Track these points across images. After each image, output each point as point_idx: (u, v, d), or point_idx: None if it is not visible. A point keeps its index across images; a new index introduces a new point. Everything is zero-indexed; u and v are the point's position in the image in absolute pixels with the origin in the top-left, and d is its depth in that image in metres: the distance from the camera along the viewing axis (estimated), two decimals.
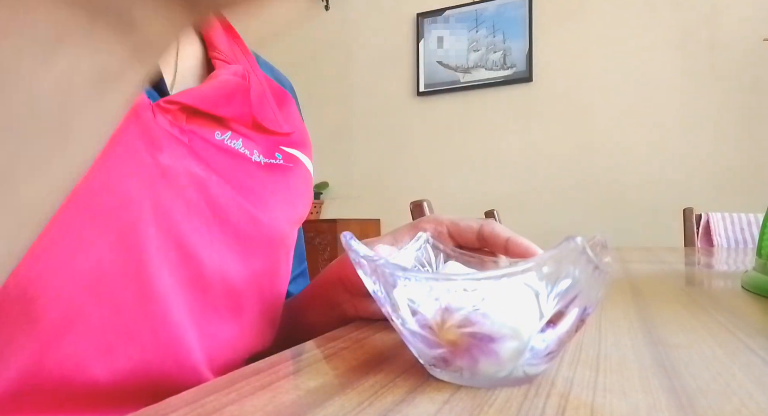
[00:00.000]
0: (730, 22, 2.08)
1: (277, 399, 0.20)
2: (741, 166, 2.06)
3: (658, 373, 0.23)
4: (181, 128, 0.34)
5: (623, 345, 0.28)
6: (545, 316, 0.20)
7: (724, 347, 0.28)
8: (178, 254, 0.32)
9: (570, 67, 2.32)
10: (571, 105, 2.32)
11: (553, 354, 0.21)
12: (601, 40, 2.27)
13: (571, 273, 0.20)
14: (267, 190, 0.39)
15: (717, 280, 0.61)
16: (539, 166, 2.38)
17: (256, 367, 0.25)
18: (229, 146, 0.37)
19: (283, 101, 0.47)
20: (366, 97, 2.74)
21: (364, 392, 0.21)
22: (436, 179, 2.58)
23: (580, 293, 0.20)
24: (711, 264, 0.81)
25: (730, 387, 0.21)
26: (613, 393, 0.21)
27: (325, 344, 0.30)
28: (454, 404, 0.20)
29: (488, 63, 2.46)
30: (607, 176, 2.25)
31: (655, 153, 2.18)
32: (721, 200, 2.04)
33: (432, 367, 0.23)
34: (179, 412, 0.19)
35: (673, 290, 0.49)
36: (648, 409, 0.19)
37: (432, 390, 0.21)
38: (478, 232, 0.35)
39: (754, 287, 0.47)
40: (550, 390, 0.21)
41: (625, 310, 0.38)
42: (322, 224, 2.44)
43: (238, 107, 0.38)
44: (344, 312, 0.38)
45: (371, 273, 0.24)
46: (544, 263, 0.19)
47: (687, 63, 2.14)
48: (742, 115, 2.06)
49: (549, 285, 0.20)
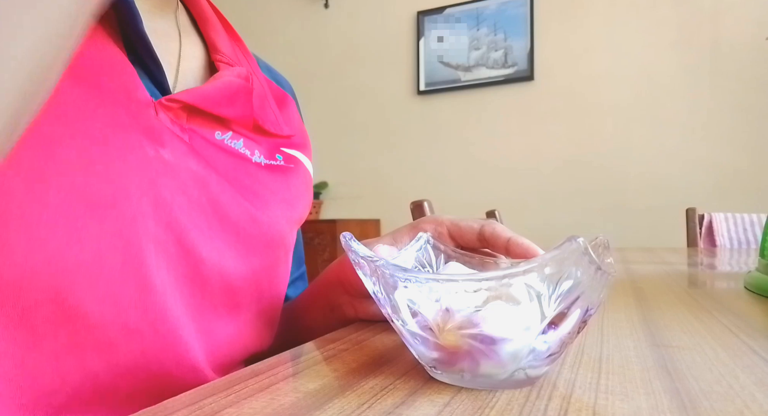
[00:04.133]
0: (732, 21, 2.08)
1: (276, 402, 0.20)
2: (744, 166, 2.05)
3: (661, 375, 0.23)
4: (181, 126, 0.34)
5: (625, 347, 0.28)
6: (547, 317, 0.20)
7: (727, 348, 0.27)
8: (177, 249, 0.32)
9: (571, 65, 2.32)
10: (572, 104, 2.32)
11: (554, 355, 0.21)
12: (603, 39, 2.26)
13: (573, 274, 0.19)
14: (267, 190, 0.39)
15: (720, 281, 0.60)
16: (541, 165, 2.37)
17: (255, 369, 0.25)
18: (230, 146, 0.37)
19: (284, 103, 0.47)
20: (366, 96, 2.74)
21: (364, 394, 0.21)
22: (436, 179, 2.58)
23: (582, 294, 0.20)
24: (714, 265, 0.81)
25: (733, 389, 0.21)
26: (615, 395, 0.20)
27: (324, 345, 0.30)
28: (455, 406, 0.20)
29: (489, 62, 2.46)
30: (608, 176, 2.25)
31: (658, 152, 2.18)
32: (725, 201, 2.03)
33: (433, 369, 0.23)
34: (177, 414, 0.19)
35: (675, 291, 0.49)
36: (650, 411, 0.19)
37: (432, 392, 0.21)
38: (479, 232, 0.34)
39: (757, 288, 0.46)
40: (551, 392, 0.21)
41: (628, 311, 0.38)
42: (321, 225, 2.44)
43: (240, 108, 0.38)
44: (344, 313, 0.38)
45: (371, 274, 0.23)
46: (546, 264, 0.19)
47: (689, 62, 2.14)
48: (746, 114, 2.06)
49: (551, 286, 0.20)
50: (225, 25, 0.44)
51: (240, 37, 0.45)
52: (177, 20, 0.40)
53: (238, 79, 0.38)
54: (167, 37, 0.38)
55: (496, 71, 2.44)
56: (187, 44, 0.40)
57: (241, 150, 0.38)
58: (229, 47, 0.42)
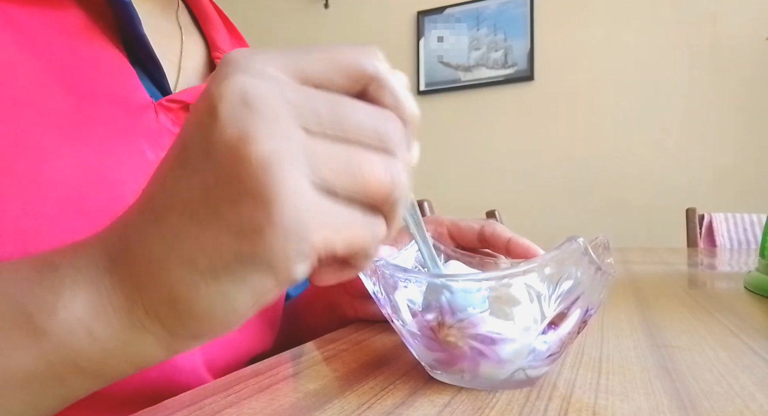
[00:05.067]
0: (732, 21, 2.08)
1: (276, 402, 0.20)
2: (744, 166, 2.05)
3: (661, 375, 0.23)
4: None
5: (625, 347, 0.28)
6: (547, 317, 0.20)
7: (727, 349, 0.27)
8: None
9: (572, 66, 2.32)
10: (573, 104, 2.32)
11: (554, 355, 0.21)
12: (603, 39, 2.26)
13: (573, 274, 0.19)
14: None
15: (720, 281, 0.60)
16: (541, 165, 2.37)
17: (255, 369, 0.25)
18: None
19: None
20: None
21: (364, 394, 0.21)
22: (436, 179, 2.58)
23: (582, 294, 0.20)
24: (714, 265, 0.81)
25: (733, 389, 0.21)
26: (615, 395, 0.20)
27: (324, 346, 0.30)
28: (455, 406, 0.20)
29: (489, 62, 2.46)
30: (609, 176, 2.25)
31: (658, 152, 2.18)
32: (725, 201, 2.03)
33: (433, 369, 0.23)
34: (177, 414, 0.19)
35: (675, 291, 0.49)
36: (650, 411, 0.19)
37: (432, 392, 0.21)
38: (479, 232, 0.34)
39: (757, 288, 0.46)
40: (551, 392, 0.21)
41: (628, 312, 0.38)
42: None
43: None
44: (344, 313, 0.38)
45: (371, 274, 0.23)
46: (546, 264, 0.19)
47: (689, 61, 2.13)
48: (746, 114, 2.06)
49: (551, 286, 0.20)
50: (226, 23, 0.44)
51: (241, 36, 0.45)
52: (178, 19, 0.40)
53: None
54: (169, 36, 0.38)
55: (496, 71, 2.44)
56: (188, 43, 0.40)
57: None
58: (230, 45, 0.42)
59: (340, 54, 0.17)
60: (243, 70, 0.15)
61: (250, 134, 0.14)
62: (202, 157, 0.15)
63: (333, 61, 0.17)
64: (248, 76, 0.15)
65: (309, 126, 0.15)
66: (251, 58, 0.16)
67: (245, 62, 0.15)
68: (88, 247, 0.19)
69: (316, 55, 0.16)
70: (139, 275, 0.17)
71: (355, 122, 0.16)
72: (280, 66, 0.16)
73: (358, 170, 0.15)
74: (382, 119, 0.17)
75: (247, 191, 0.14)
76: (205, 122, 0.15)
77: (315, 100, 0.16)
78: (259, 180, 0.14)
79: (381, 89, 0.17)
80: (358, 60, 0.17)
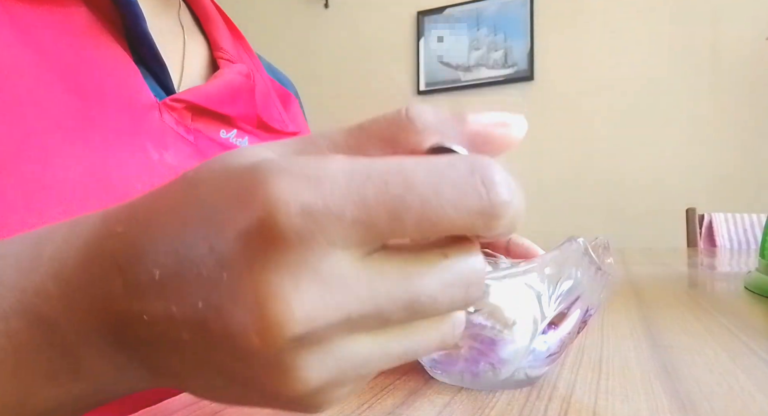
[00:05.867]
0: (732, 22, 2.08)
1: None
2: (744, 166, 2.05)
3: (661, 376, 0.23)
4: (186, 126, 0.34)
5: (625, 348, 0.28)
6: (547, 318, 0.20)
7: (727, 349, 0.27)
8: None
9: (571, 66, 2.32)
10: (572, 104, 2.32)
11: (554, 356, 0.21)
12: (603, 40, 2.26)
13: (573, 274, 0.19)
14: None
15: (720, 281, 0.60)
16: (540, 165, 2.38)
17: None
18: (235, 144, 0.37)
19: (287, 102, 0.47)
20: (366, 95, 2.74)
21: (363, 394, 0.21)
22: None
23: (582, 294, 0.20)
24: (714, 265, 0.81)
25: (733, 389, 0.21)
26: (615, 396, 0.20)
27: None
28: (455, 407, 0.20)
29: (489, 62, 2.46)
30: (608, 176, 2.25)
31: (658, 153, 2.18)
32: (724, 201, 2.03)
33: (433, 369, 0.23)
34: (177, 414, 0.19)
35: (675, 291, 0.49)
36: (650, 412, 0.19)
37: (432, 392, 0.21)
38: None
39: (757, 288, 0.46)
40: (551, 393, 0.21)
41: (627, 312, 0.38)
42: None
43: (243, 105, 0.38)
44: None
45: None
46: (546, 264, 0.19)
47: (689, 62, 2.14)
48: (745, 114, 2.06)
49: (551, 286, 0.20)
50: (227, 22, 0.44)
51: (242, 35, 0.45)
52: (180, 18, 0.40)
53: (239, 76, 0.38)
54: (171, 36, 0.38)
55: (496, 71, 2.44)
56: (190, 42, 0.40)
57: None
58: (231, 44, 0.42)
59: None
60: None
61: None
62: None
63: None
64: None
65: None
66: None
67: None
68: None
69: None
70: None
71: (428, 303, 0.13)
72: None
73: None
74: (463, 290, 0.13)
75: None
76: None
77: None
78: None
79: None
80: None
